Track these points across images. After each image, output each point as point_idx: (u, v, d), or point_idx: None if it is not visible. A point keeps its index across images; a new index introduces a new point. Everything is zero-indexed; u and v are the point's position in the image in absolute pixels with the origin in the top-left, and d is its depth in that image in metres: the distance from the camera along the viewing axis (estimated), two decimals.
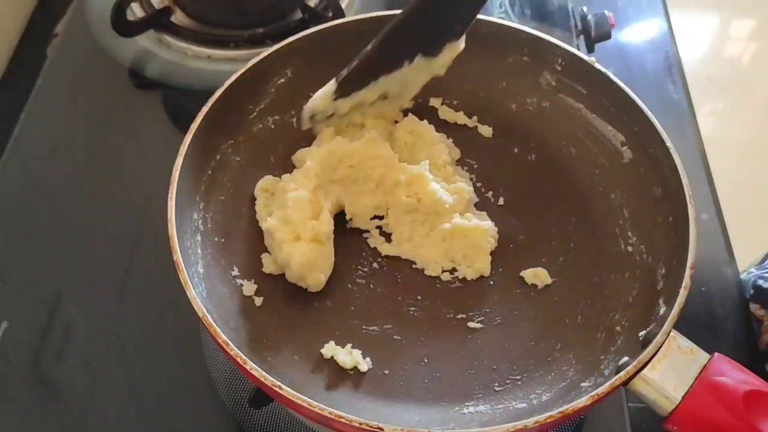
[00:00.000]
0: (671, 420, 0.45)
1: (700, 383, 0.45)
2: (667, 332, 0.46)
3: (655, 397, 0.45)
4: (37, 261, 0.67)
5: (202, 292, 0.51)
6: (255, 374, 0.45)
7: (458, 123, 0.67)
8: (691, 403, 0.44)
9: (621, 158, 0.61)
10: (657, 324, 0.48)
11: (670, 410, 0.45)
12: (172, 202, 0.52)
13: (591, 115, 0.63)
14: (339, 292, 0.57)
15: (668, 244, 0.54)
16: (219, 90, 0.59)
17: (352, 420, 0.43)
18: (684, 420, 0.45)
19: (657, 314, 0.50)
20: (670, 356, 0.46)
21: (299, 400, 0.43)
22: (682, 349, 0.46)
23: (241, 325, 0.53)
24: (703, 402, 0.44)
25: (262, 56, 0.62)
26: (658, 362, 0.45)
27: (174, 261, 0.49)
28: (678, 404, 0.45)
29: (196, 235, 0.56)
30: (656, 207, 0.56)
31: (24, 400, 0.59)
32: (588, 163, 0.63)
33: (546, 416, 0.44)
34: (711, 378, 0.45)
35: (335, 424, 0.43)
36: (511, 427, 0.43)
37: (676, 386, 0.45)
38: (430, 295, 0.57)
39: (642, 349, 0.46)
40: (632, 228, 0.58)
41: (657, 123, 0.58)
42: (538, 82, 0.66)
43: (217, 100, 0.58)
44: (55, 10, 0.88)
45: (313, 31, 0.64)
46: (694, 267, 0.49)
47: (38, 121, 0.77)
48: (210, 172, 0.59)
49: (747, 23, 2.10)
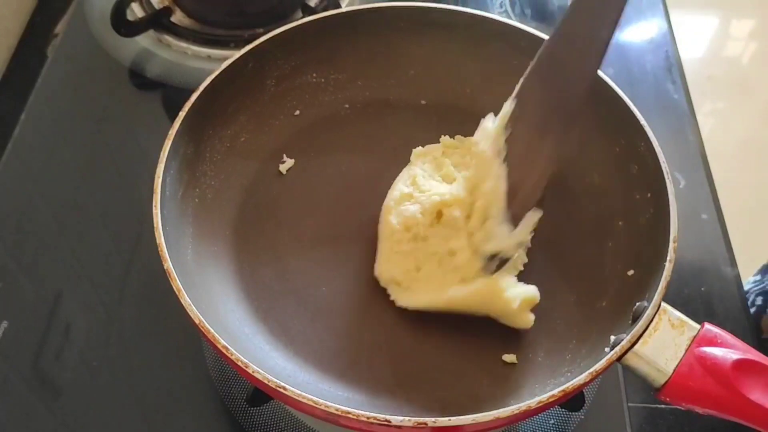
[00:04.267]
0: (664, 392, 0.46)
1: (690, 355, 0.46)
2: (657, 305, 0.47)
3: (647, 370, 0.46)
4: (37, 261, 0.67)
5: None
6: (258, 377, 0.44)
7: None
8: (682, 375, 0.45)
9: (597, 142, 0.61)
10: (646, 299, 0.48)
11: (663, 383, 0.46)
12: (157, 210, 0.51)
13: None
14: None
15: (649, 221, 0.54)
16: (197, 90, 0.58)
17: (359, 415, 0.42)
18: (675, 392, 0.46)
19: (645, 290, 0.50)
20: (661, 329, 0.47)
21: (305, 399, 0.43)
22: (673, 322, 0.47)
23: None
24: (694, 373, 0.45)
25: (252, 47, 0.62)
26: (649, 336, 0.46)
27: (165, 269, 0.48)
28: (669, 377, 0.46)
29: (189, 240, 0.55)
30: (633, 184, 0.57)
31: (24, 400, 0.59)
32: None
33: (548, 395, 0.44)
34: (701, 349, 0.46)
35: (342, 420, 0.43)
36: (516, 408, 0.43)
37: (667, 359, 0.46)
38: None
39: (632, 325, 0.47)
40: (612, 206, 0.59)
41: (627, 99, 0.58)
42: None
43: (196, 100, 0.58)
44: (55, 10, 0.88)
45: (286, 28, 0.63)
46: (677, 240, 0.50)
47: (38, 121, 0.77)
48: (195, 175, 0.59)
49: (747, 23, 2.10)
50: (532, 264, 0.59)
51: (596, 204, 0.60)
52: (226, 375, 0.60)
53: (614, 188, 0.59)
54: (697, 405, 0.46)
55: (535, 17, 0.88)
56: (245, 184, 0.62)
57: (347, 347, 0.55)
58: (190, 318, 0.47)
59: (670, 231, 0.51)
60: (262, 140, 0.64)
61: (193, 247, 0.55)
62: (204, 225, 0.57)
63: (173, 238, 0.52)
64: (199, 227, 0.57)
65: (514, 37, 0.63)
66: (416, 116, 0.67)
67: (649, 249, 0.53)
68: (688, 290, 0.68)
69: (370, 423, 0.42)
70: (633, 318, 0.49)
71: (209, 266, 0.56)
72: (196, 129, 0.58)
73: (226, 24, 0.83)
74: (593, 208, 0.60)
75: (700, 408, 0.46)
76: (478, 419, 0.43)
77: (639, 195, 0.56)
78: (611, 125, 0.60)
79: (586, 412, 0.58)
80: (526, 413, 0.44)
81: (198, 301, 0.48)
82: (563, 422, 0.58)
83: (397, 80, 0.68)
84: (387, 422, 0.42)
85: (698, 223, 0.73)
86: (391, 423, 0.42)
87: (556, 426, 0.58)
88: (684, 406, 0.46)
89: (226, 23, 0.83)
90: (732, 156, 1.61)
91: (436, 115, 0.67)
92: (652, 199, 0.55)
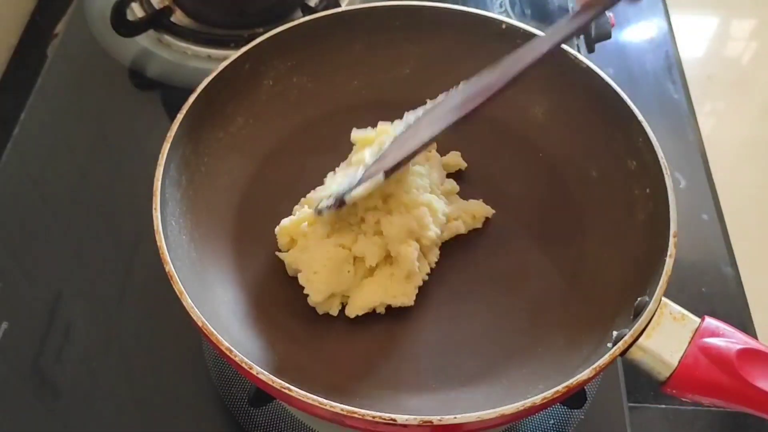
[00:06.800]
0: (669, 384, 0.46)
1: (693, 346, 0.46)
2: (658, 300, 0.47)
3: (652, 363, 0.47)
4: (37, 261, 0.67)
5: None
6: (262, 378, 0.44)
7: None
8: (687, 366, 0.46)
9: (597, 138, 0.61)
10: (647, 294, 0.49)
11: (668, 375, 0.46)
12: (157, 213, 0.51)
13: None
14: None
15: (649, 216, 0.55)
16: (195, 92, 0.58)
17: (364, 414, 0.42)
18: (681, 383, 0.46)
19: (646, 285, 0.51)
20: (663, 323, 0.47)
21: (310, 399, 0.43)
22: (674, 315, 0.47)
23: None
24: (699, 364, 0.46)
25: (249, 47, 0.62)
26: (652, 330, 0.47)
27: (167, 272, 0.48)
28: (675, 369, 0.46)
29: (189, 242, 0.55)
30: (632, 180, 0.57)
31: (24, 400, 0.59)
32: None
33: (553, 392, 0.44)
34: (704, 340, 0.46)
35: (347, 420, 0.43)
36: (521, 405, 0.43)
37: (672, 351, 0.46)
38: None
39: (634, 320, 0.48)
40: (612, 202, 0.59)
41: (625, 96, 0.58)
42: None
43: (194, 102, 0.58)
44: (55, 10, 0.88)
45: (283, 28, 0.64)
46: (677, 235, 0.50)
47: (38, 121, 0.77)
48: (193, 176, 0.59)
49: (747, 23, 2.10)
50: (531, 260, 0.59)
51: (595, 200, 0.60)
52: (226, 375, 0.60)
53: (613, 184, 0.59)
54: (703, 395, 0.46)
55: (535, 17, 0.88)
56: (244, 184, 0.62)
57: (347, 347, 0.55)
58: (192, 320, 0.47)
59: (669, 226, 0.51)
60: (260, 140, 0.64)
61: (194, 248, 0.55)
62: (204, 226, 0.57)
63: (173, 240, 0.52)
64: (199, 228, 0.57)
65: (511, 36, 0.63)
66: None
67: (650, 244, 0.53)
68: (688, 290, 0.68)
69: (376, 422, 0.42)
70: (635, 313, 0.49)
71: (209, 267, 0.56)
72: (194, 130, 0.58)
73: (225, 24, 0.83)
74: (592, 205, 0.60)
75: (707, 398, 0.46)
76: (482, 416, 0.43)
77: (638, 191, 0.57)
78: (609, 121, 0.60)
79: (586, 412, 0.58)
80: (530, 410, 0.44)
81: (200, 303, 0.48)
82: (563, 422, 0.58)
83: (394, 79, 0.68)
84: (392, 421, 0.42)
85: (698, 223, 0.73)
86: (396, 422, 0.42)
87: (556, 426, 0.58)
88: (689, 398, 0.47)
89: (225, 23, 0.83)
90: (732, 156, 1.61)
91: None
92: (651, 194, 0.55)
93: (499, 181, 0.64)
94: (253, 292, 0.57)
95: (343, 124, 0.67)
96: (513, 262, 0.59)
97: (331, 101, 0.67)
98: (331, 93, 0.68)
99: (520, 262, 0.59)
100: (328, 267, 0.54)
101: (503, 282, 0.58)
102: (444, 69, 0.66)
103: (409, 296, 0.56)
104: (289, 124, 0.66)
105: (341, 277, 0.55)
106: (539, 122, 0.65)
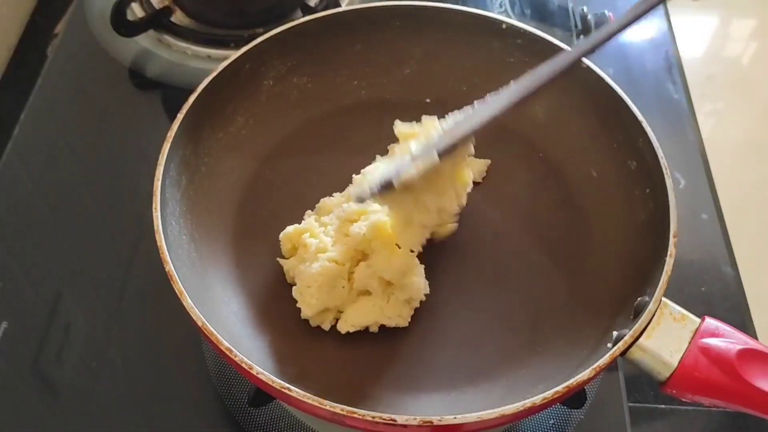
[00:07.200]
0: (670, 384, 0.47)
1: (694, 347, 0.46)
2: (658, 300, 0.48)
3: (653, 363, 0.47)
4: (37, 261, 0.67)
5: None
6: (262, 378, 0.44)
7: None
8: (688, 367, 0.46)
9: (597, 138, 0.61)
10: (647, 294, 0.49)
11: (668, 375, 0.46)
12: (157, 213, 0.51)
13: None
14: None
15: (649, 216, 0.55)
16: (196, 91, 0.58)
17: (364, 414, 0.42)
18: (682, 383, 0.46)
19: (646, 285, 0.51)
20: (663, 323, 0.47)
21: (310, 399, 0.43)
22: (674, 316, 0.47)
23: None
24: (699, 364, 0.46)
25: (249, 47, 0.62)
26: (652, 330, 0.47)
27: (167, 272, 0.48)
28: (675, 369, 0.46)
29: (189, 242, 0.55)
30: (632, 180, 0.57)
31: (24, 400, 0.59)
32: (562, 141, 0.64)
33: (553, 392, 0.44)
34: (704, 341, 0.46)
35: (347, 420, 0.43)
36: (521, 405, 0.43)
37: (672, 352, 0.46)
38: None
39: (634, 320, 0.48)
40: (612, 202, 0.59)
41: (625, 96, 0.58)
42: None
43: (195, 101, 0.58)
44: (55, 10, 0.88)
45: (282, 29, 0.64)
46: (677, 235, 0.50)
47: (38, 121, 0.77)
48: (194, 177, 0.59)
49: (747, 23, 2.10)
50: (531, 260, 0.59)
51: (595, 200, 0.60)
52: (226, 375, 0.60)
53: (613, 184, 0.59)
54: (703, 395, 0.46)
55: (534, 17, 0.88)
56: (244, 184, 0.62)
57: (347, 348, 0.55)
58: (193, 320, 0.47)
59: (670, 226, 0.51)
60: (260, 140, 0.64)
61: (194, 248, 0.55)
62: (204, 226, 0.57)
63: (173, 240, 0.52)
64: (199, 228, 0.57)
65: (511, 35, 0.64)
66: (413, 115, 0.67)
67: (650, 244, 0.53)
68: (688, 290, 0.68)
69: (376, 422, 0.42)
70: (635, 313, 0.49)
71: (210, 267, 0.56)
72: (194, 130, 0.58)
73: (225, 24, 0.83)
74: (592, 205, 0.60)
75: (707, 399, 0.46)
76: (483, 416, 0.43)
77: (638, 191, 0.57)
78: (609, 121, 0.60)
79: (586, 412, 0.58)
80: (530, 410, 0.44)
81: (200, 303, 0.48)
82: (563, 422, 0.58)
83: (394, 79, 0.68)
84: (392, 421, 0.42)
85: (698, 223, 0.73)
86: (396, 422, 0.42)
87: (556, 426, 0.58)
88: (689, 398, 0.47)
89: (226, 23, 0.83)
90: (732, 156, 1.61)
91: (434, 113, 0.67)
92: (651, 194, 0.55)
93: (499, 181, 0.64)
94: (253, 292, 0.57)
95: (343, 124, 0.67)
96: (513, 263, 0.59)
97: (331, 101, 0.68)
98: (331, 93, 0.68)
99: (520, 263, 0.59)
100: (319, 282, 0.53)
101: (503, 282, 0.58)
102: (444, 69, 0.67)
103: (405, 318, 0.55)
104: (289, 124, 0.66)
105: (334, 293, 0.54)
106: (539, 122, 0.65)
